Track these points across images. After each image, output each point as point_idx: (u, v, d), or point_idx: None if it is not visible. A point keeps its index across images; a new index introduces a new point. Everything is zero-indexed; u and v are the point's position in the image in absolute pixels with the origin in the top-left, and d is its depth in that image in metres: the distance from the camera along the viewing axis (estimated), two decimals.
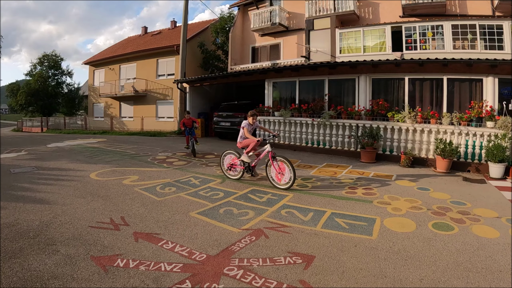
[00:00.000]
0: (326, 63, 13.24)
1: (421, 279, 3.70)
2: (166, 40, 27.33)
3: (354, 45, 17.05)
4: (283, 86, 15.15)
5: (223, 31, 24.42)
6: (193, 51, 24.21)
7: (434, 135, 10.83)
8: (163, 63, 26.00)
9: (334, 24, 17.54)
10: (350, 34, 17.18)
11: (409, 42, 15.85)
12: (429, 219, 5.77)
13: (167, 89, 25.08)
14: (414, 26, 16.00)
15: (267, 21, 20.22)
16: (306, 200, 6.64)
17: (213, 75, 18.17)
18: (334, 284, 3.51)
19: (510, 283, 3.73)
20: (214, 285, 3.38)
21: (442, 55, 12.37)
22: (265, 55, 21.78)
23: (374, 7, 18.07)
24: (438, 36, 15.67)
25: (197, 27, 27.58)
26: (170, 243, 4.39)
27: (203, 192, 7.05)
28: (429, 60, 11.31)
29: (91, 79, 32.42)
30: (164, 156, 11.45)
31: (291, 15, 20.45)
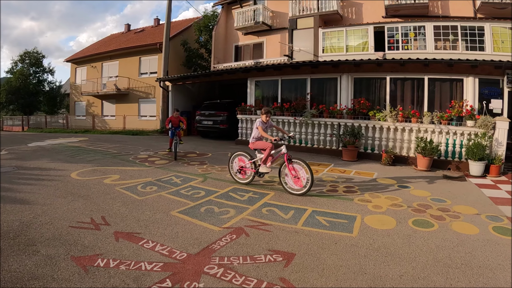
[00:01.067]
0: (308, 62, 13.29)
1: (401, 276, 3.71)
2: (149, 38, 27.06)
3: (337, 44, 17.10)
4: (266, 85, 15.15)
5: (207, 30, 24.26)
6: (176, 49, 23.99)
7: (415, 133, 10.96)
8: (145, 61, 25.72)
9: (318, 24, 17.55)
10: (333, 33, 17.22)
11: (391, 42, 15.98)
12: (409, 216, 5.81)
13: (150, 88, 24.83)
14: (396, 27, 16.13)
15: (250, 20, 20.14)
16: (287, 198, 6.63)
17: (196, 74, 18.10)
18: (314, 281, 3.51)
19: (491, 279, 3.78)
20: (195, 283, 3.36)
21: (424, 56, 12.50)
22: (248, 54, 21.72)
23: (357, 7, 18.11)
24: (420, 37, 15.82)
25: (181, 25, 27.36)
26: (150, 242, 4.34)
27: (185, 191, 6.98)
28: (410, 60, 11.44)
29: (73, 77, 31.88)
30: (146, 155, 11.31)
31: (274, 14, 20.41)
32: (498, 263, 4.16)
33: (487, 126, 9.91)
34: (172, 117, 11.77)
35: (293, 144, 13.06)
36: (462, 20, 15.40)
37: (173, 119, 11.65)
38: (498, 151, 9.99)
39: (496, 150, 9.99)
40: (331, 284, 3.49)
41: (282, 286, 3.40)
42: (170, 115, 19.27)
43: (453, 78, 11.46)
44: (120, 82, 26.24)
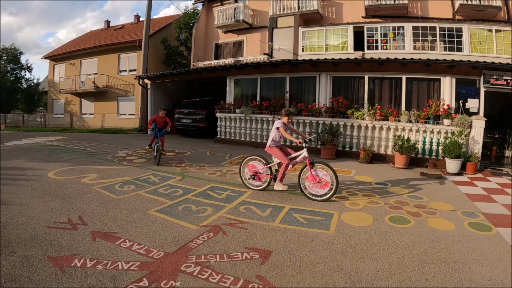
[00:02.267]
0: (287, 61, 13.31)
1: (377, 271, 3.76)
2: (128, 35, 26.70)
3: (316, 43, 17.15)
4: (245, 83, 15.11)
5: (187, 27, 24.10)
6: (156, 46, 23.79)
7: (392, 132, 11.09)
8: (125, 59, 25.37)
9: (298, 23, 17.58)
10: (313, 33, 17.26)
11: (370, 42, 16.10)
12: (386, 213, 5.87)
13: (129, 85, 24.53)
14: (376, 27, 16.27)
15: (231, 18, 20.03)
16: (265, 197, 6.61)
17: (175, 72, 17.89)
18: (291, 278, 3.53)
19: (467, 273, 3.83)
20: (171, 282, 3.35)
21: (402, 55, 12.60)
22: (228, 52, 21.61)
23: (337, 7, 18.20)
24: (399, 37, 16.00)
25: (161, 22, 27.12)
26: (127, 241, 4.29)
27: (162, 190, 6.91)
28: (388, 60, 11.56)
29: (51, 74, 31.21)
30: (124, 154, 11.15)
31: (255, 12, 20.37)
32: (474, 258, 4.23)
33: (464, 125, 10.12)
34: (157, 117, 10.40)
35: None
36: (441, 21, 15.67)
37: (158, 119, 10.37)
38: (475, 149, 10.19)
39: (473, 148, 10.21)
40: (307, 281, 3.50)
41: (259, 283, 3.40)
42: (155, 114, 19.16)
43: (430, 77, 11.60)
44: (99, 80, 25.81)
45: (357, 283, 3.51)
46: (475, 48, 15.17)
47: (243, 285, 3.36)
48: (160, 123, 10.35)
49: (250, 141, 13.72)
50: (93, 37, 31.40)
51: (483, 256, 4.32)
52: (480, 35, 15.18)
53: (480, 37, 15.19)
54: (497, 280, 3.72)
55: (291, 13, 17.87)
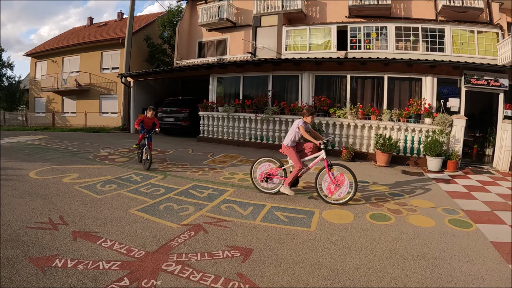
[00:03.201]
0: (270, 60, 13.36)
1: (357, 268, 3.80)
2: (111, 32, 26.43)
3: (300, 42, 17.20)
4: (228, 81, 15.04)
5: (171, 25, 23.99)
6: (139, 44, 23.59)
7: (374, 130, 11.18)
8: (107, 56, 25.13)
9: (282, 22, 17.63)
10: (296, 32, 17.31)
11: (353, 42, 16.22)
12: (367, 210, 5.93)
13: (111, 84, 24.29)
14: (359, 27, 16.42)
15: (215, 16, 19.97)
16: (247, 195, 6.62)
17: (158, 70, 17.73)
18: (271, 276, 3.55)
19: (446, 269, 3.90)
20: (152, 281, 3.35)
21: (385, 55, 12.71)
22: (211, 50, 21.52)
23: (321, 7, 18.29)
24: (382, 37, 16.16)
25: (145, 20, 26.91)
26: (109, 241, 4.26)
27: (144, 189, 6.85)
28: (370, 59, 11.63)
29: (33, 71, 30.66)
30: (106, 153, 11.00)
31: (239, 11, 20.34)
32: (454, 254, 4.29)
33: (445, 124, 10.27)
34: (145, 117, 9.37)
35: (254, 140, 13.01)
36: (424, 22, 15.90)
37: (146, 120, 9.33)
38: (455, 147, 10.35)
39: (453, 147, 10.38)
40: (288, 278, 3.52)
41: (239, 281, 3.41)
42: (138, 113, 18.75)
43: (412, 77, 11.72)
44: (81, 78, 25.51)
45: (338, 279, 3.53)
46: (457, 48, 15.41)
47: (223, 283, 3.35)
48: (148, 125, 9.34)
49: (233, 139, 13.67)
50: (75, 34, 31.00)
51: (463, 252, 4.37)
52: (462, 36, 15.44)
53: (462, 38, 15.43)
54: (476, 276, 3.77)
55: (275, 12, 17.91)
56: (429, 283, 3.57)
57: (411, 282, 3.57)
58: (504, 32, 15.13)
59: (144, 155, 8.90)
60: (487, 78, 10.85)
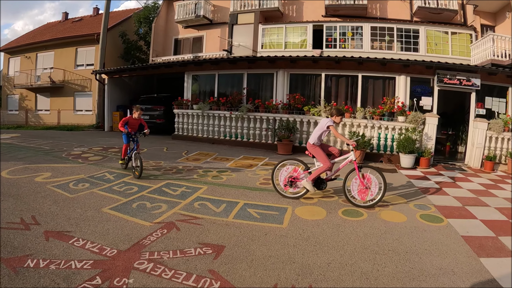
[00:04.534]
0: (245, 58, 13.27)
1: (328, 263, 3.85)
2: (87, 27, 25.88)
3: (276, 41, 17.30)
4: (203, 79, 14.93)
5: (147, 21, 23.62)
6: (115, 40, 23.20)
7: (348, 128, 11.29)
8: (82, 53, 24.56)
9: (258, 20, 17.66)
10: (273, 30, 17.35)
11: (329, 41, 16.38)
12: (340, 206, 5.98)
13: (86, 80, 23.81)
14: (335, 26, 16.60)
15: (191, 13, 19.82)
16: (220, 192, 6.61)
17: (133, 67, 17.49)
18: (243, 272, 3.59)
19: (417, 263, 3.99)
20: (124, 279, 3.35)
21: (360, 54, 12.84)
22: (187, 47, 21.38)
23: (298, 6, 18.38)
24: (357, 36, 16.36)
25: (121, 16, 26.47)
26: (81, 240, 4.22)
27: (117, 187, 6.77)
28: (345, 58, 11.70)
29: (5, 68, 29.83)
30: (80, 151, 10.77)
31: (216, 8, 20.26)
32: (425, 248, 4.38)
33: (417, 122, 10.47)
34: (130, 118, 8.14)
35: (228, 138, 12.97)
36: (399, 22, 16.20)
37: (132, 121, 8.13)
38: (428, 145, 10.56)
39: (426, 144, 10.59)
40: (259, 274, 3.57)
41: (211, 278, 3.44)
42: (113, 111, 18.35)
43: (386, 76, 11.86)
44: (55, 74, 24.91)
45: (309, 275, 3.58)
46: (431, 49, 15.72)
47: (195, 281, 3.37)
48: (134, 126, 8.15)
49: (207, 137, 13.59)
50: (50, 29, 30.22)
51: (433, 246, 4.46)
52: (436, 37, 15.76)
53: (436, 39, 15.75)
54: (447, 269, 3.86)
55: (251, 10, 17.92)
56: (400, 277, 3.63)
57: (382, 277, 3.62)
58: (478, 34, 15.55)
59: (133, 162, 7.69)
60: (460, 77, 11.09)
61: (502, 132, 10.73)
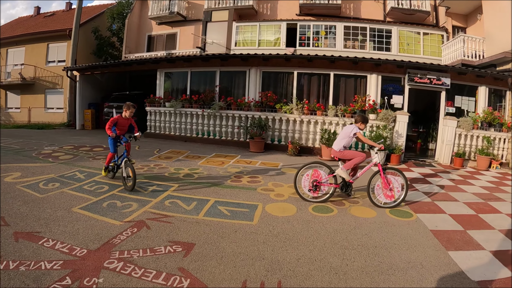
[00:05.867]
0: (218, 55, 13.23)
1: (298, 259, 3.90)
2: (59, 23, 25.27)
3: (249, 39, 17.37)
4: (176, 76, 14.79)
5: (120, 17, 23.27)
6: (87, 36, 22.76)
7: (320, 125, 11.40)
8: (54, 49, 23.96)
9: (232, 17, 17.67)
10: (246, 28, 17.37)
11: (303, 39, 16.52)
12: (310, 203, 6.03)
13: (57, 77, 23.26)
14: (309, 25, 16.75)
15: (165, 9, 19.66)
16: (191, 190, 6.58)
17: (104, 63, 17.11)
18: (213, 269, 3.62)
19: (386, 257, 4.08)
20: (94, 279, 3.34)
21: (333, 53, 12.85)
22: (161, 44, 21.16)
23: (272, 4, 18.47)
24: (330, 35, 16.49)
25: (94, 11, 25.90)
26: (51, 240, 4.15)
27: (88, 187, 6.66)
28: (317, 57, 11.79)
29: None
30: (50, 150, 10.53)
31: (190, 5, 20.13)
32: (394, 243, 4.48)
33: (388, 119, 10.65)
34: (119, 118, 6.91)
35: (201, 136, 12.91)
36: (372, 22, 16.47)
37: (121, 121, 6.94)
38: (399, 142, 10.75)
39: (397, 141, 10.79)
40: (229, 271, 3.60)
41: (181, 275, 3.46)
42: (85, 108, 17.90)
43: (358, 74, 12.00)
44: (26, 71, 24.23)
45: (278, 271, 3.62)
46: (403, 48, 16.01)
47: (165, 279, 3.39)
48: (124, 127, 7.07)
49: (180, 135, 13.47)
50: (21, 24, 29.39)
51: (402, 241, 4.56)
52: (409, 37, 16.08)
53: (409, 39, 16.06)
54: (416, 262, 3.96)
55: (226, 8, 17.93)
56: (368, 271, 3.70)
57: (351, 271, 3.68)
58: (449, 35, 15.95)
59: (124, 171, 6.56)
60: (430, 77, 11.33)
61: (471, 130, 11.05)
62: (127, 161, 6.52)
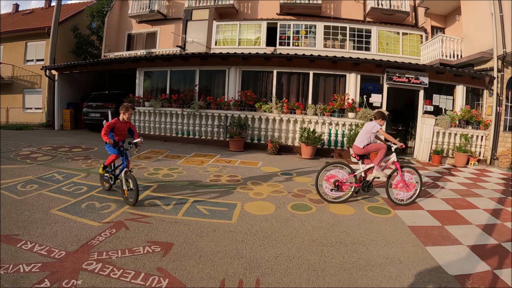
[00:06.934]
0: (197, 54, 13.20)
1: (276, 257, 3.93)
2: (37, 21, 24.78)
3: (230, 38, 17.35)
4: (155, 76, 14.68)
5: (100, 15, 22.94)
6: (66, 35, 22.39)
7: (299, 124, 11.45)
8: (32, 47, 23.50)
9: (213, 16, 17.65)
10: (227, 27, 17.36)
11: (283, 38, 16.58)
12: (289, 201, 6.06)
13: (36, 77, 22.84)
14: (289, 24, 16.81)
15: (145, 8, 19.55)
16: (170, 190, 6.57)
17: (83, 62, 16.88)
18: (191, 269, 3.63)
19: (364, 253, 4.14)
20: (73, 281, 3.32)
21: (313, 52, 12.99)
22: (141, 43, 20.99)
23: (253, 3, 18.53)
24: (310, 35, 16.57)
25: (73, 9, 25.46)
26: (29, 243, 4.10)
27: (66, 188, 6.57)
28: (296, 56, 11.87)
29: None
30: (28, 151, 10.31)
31: (170, 3, 20.01)
32: (372, 239, 4.55)
33: (367, 118, 10.82)
34: (117, 122, 5.93)
35: (181, 135, 12.86)
36: (352, 22, 16.66)
37: (119, 125, 5.96)
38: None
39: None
40: (207, 270, 3.61)
41: (159, 275, 3.46)
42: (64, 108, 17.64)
43: (337, 74, 12.11)
44: (3, 70, 23.78)
45: (256, 269, 3.65)
46: (382, 48, 16.21)
47: (143, 279, 3.39)
48: (122, 133, 6.09)
49: (159, 135, 13.39)
50: None
51: (380, 237, 4.63)
52: (388, 37, 16.28)
53: (388, 39, 16.27)
54: (394, 258, 4.04)
55: (206, 6, 17.89)
56: (346, 268, 3.75)
57: (329, 268, 3.73)
58: (428, 35, 16.23)
59: (123, 183, 5.73)
60: (408, 76, 11.51)
61: (449, 128, 11.31)
62: (128, 172, 5.70)
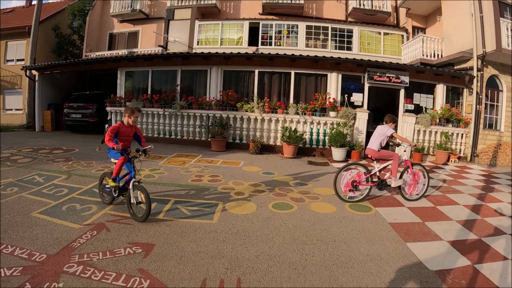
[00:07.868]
0: (179, 54, 13.18)
1: (257, 256, 3.96)
2: (18, 20, 24.30)
3: (212, 37, 17.29)
4: (137, 75, 14.55)
5: (81, 14, 22.60)
6: (47, 34, 22.02)
7: (281, 123, 11.50)
8: (12, 47, 23.06)
9: (195, 16, 17.55)
10: (209, 26, 17.31)
11: (265, 38, 16.60)
12: (270, 200, 6.10)
13: (16, 77, 22.40)
14: (271, 24, 16.83)
15: (127, 7, 19.35)
16: (151, 190, 6.47)
17: (64, 62, 16.64)
18: (172, 269, 3.64)
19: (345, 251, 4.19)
20: (54, 284, 3.30)
21: (295, 52, 13.07)
22: (122, 42, 20.77)
23: (235, 3, 18.51)
24: (293, 35, 16.64)
25: (54, 7, 25.00)
26: (9, 247, 4.06)
27: (47, 190, 6.50)
28: (278, 55, 11.92)
29: None
30: (9, 154, 10.12)
31: (153, 2, 19.85)
32: (353, 236, 4.61)
33: (348, 117, 10.91)
34: (121, 126, 5.39)
35: (163, 136, 12.82)
36: (334, 22, 16.78)
37: (124, 129, 5.42)
38: (359, 138, 11.08)
39: (357, 138, 11.13)
40: (188, 270, 3.62)
41: (141, 276, 3.47)
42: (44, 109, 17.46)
43: (318, 73, 12.20)
44: None
45: (238, 268, 3.68)
46: (363, 48, 16.37)
47: (125, 280, 3.39)
48: (128, 138, 5.55)
49: None
50: None
51: (361, 234, 4.69)
52: (369, 37, 16.46)
53: (369, 39, 16.45)
54: (374, 255, 4.10)
55: (188, 6, 17.81)
56: (327, 265, 3.79)
57: (310, 265, 3.76)
58: (409, 35, 16.46)
59: (132, 196, 5.08)
60: (389, 75, 11.66)
61: (430, 126, 11.47)
62: (136, 182, 5.09)
